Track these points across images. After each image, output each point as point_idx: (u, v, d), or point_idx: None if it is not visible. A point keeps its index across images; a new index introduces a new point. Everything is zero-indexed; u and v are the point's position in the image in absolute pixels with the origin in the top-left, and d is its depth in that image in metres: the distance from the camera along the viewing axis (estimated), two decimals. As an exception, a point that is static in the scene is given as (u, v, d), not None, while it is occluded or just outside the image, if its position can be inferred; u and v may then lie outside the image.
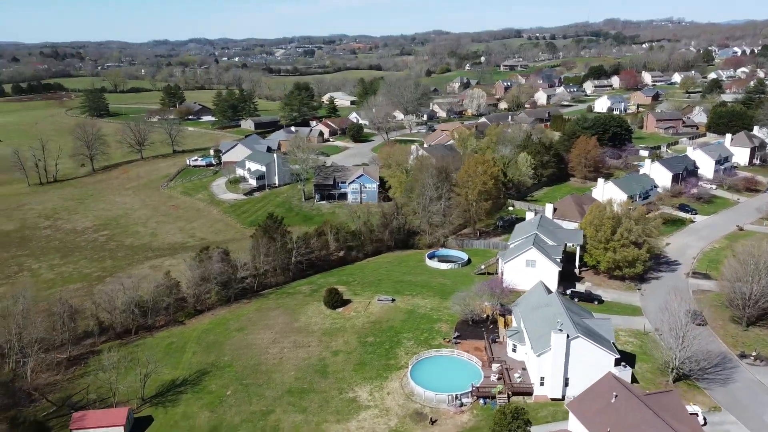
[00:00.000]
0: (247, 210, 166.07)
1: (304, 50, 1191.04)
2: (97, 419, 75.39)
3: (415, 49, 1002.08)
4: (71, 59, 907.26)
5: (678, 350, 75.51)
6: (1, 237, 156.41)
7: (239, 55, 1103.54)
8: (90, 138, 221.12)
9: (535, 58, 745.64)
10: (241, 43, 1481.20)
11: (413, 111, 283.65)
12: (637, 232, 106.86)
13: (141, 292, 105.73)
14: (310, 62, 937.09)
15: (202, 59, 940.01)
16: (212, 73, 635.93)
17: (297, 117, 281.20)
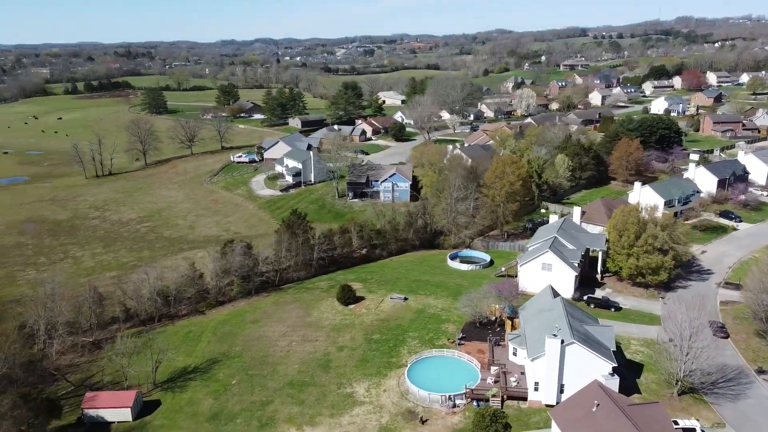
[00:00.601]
0: (282, 206, 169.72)
1: (365, 50, 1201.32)
2: (107, 400, 79.42)
3: (475, 49, 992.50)
4: (142, 58, 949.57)
5: (683, 362, 72.49)
6: (54, 225, 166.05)
7: (301, 55, 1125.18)
8: (143, 134, 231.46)
9: (597, 57, 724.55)
10: (305, 42, 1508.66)
11: (459, 111, 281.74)
12: (663, 239, 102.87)
13: (166, 282, 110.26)
14: (369, 62, 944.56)
15: (265, 59, 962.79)
16: (272, 72, 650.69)
17: (343, 116, 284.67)
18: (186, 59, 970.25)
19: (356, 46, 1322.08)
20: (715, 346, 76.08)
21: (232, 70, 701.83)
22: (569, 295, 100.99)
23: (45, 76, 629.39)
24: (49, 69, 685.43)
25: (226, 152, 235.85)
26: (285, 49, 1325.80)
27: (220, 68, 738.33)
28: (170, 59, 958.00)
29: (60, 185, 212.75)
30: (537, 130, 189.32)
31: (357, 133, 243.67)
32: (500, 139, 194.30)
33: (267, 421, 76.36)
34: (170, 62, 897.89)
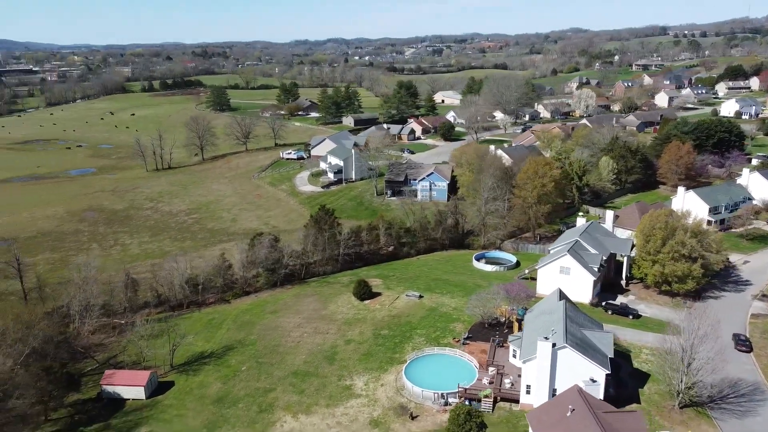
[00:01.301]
0: (321, 202, 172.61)
1: (433, 50, 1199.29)
2: (124, 378, 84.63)
3: (545, 48, 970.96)
4: (217, 58, 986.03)
5: (684, 373, 69.64)
6: (110, 214, 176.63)
7: (370, 54, 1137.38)
8: (201, 130, 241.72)
9: (674, 57, 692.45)
10: (375, 42, 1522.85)
11: (513, 111, 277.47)
12: (692, 246, 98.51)
13: (196, 271, 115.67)
14: (436, 61, 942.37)
15: (334, 58, 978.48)
16: (337, 71, 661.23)
17: (395, 114, 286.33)
18: (258, 59, 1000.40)
19: (426, 46, 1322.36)
20: (720, 359, 72.22)
21: (299, 69, 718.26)
22: (587, 301, 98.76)
23: (126, 74, 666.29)
24: (131, 68, 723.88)
25: (279, 149, 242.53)
26: (355, 48, 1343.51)
27: (288, 67, 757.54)
28: (243, 59, 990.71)
29: (123, 177, 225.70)
30: (584, 131, 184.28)
31: (405, 132, 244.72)
32: (546, 140, 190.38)
33: (266, 407, 79.15)
34: (243, 62, 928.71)
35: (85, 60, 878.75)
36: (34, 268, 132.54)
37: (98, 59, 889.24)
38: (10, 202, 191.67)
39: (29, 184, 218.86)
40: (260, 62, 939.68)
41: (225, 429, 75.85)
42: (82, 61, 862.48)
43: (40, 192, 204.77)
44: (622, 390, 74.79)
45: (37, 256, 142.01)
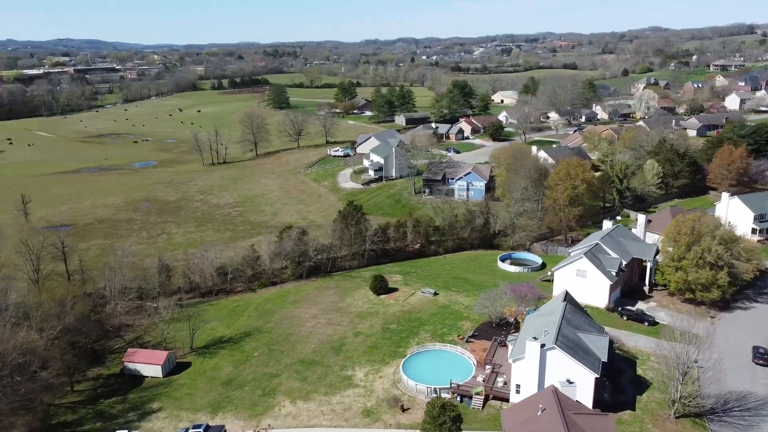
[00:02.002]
0: (360, 199, 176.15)
1: (502, 49, 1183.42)
2: (144, 356, 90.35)
3: (620, 47, 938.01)
4: (287, 57, 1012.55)
5: (679, 383, 67.56)
6: (162, 205, 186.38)
7: (438, 54, 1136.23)
8: (255, 127, 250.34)
9: (758, 57, 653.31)
10: (445, 42, 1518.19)
11: (567, 112, 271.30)
12: (718, 253, 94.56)
13: (225, 261, 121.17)
14: (504, 61, 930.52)
15: (401, 58, 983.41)
16: (401, 71, 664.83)
17: (447, 114, 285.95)
18: (326, 58, 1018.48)
19: (495, 45, 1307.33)
20: (719, 370, 69.50)
21: (365, 68, 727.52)
22: (603, 305, 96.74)
23: (200, 73, 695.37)
24: (204, 67, 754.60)
25: (329, 146, 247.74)
26: (424, 48, 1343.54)
27: (354, 66, 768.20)
28: (312, 58, 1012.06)
29: (181, 170, 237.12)
30: (631, 133, 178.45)
31: (454, 131, 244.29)
32: (593, 142, 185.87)
33: (269, 391, 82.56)
34: (311, 61, 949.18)
35: (164, 59, 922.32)
36: (87, 252, 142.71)
37: (175, 58, 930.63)
38: (77, 191, 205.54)
39: (96, 175, 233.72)
40: (328, 61, 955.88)
41: (228, 409, 79.77)
42: (160, 60, 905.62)
43: (103, 182, 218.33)
44: (619, 396, 73.32)
45: (90, 242, 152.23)
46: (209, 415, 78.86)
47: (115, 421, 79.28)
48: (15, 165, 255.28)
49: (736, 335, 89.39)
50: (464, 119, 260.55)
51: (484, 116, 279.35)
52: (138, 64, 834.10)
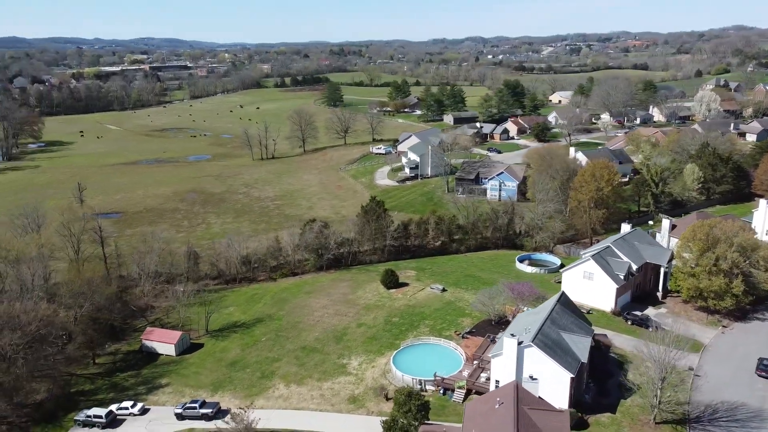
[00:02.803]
0: (393, 196, 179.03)
1: (571, 48, 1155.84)
2: (159, 335, 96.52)
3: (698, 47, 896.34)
4: (352, 56, 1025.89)
5: (658, 388, 66.55)
6: (208, 196, 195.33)
7: (505, 53, 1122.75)
8: (303, 124, 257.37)
9: None
10: (514, 41, 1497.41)
11: (620, 113, 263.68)
12: (733, 261, 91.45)
13: (250, 251, 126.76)
14: (571, 60, 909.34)
15: (465, 57, 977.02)
16: (462, 70, 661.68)
17: (495, 114, 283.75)
18: (390, 57, 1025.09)
19: (565, 45, 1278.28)
20: (717, 381, 67.90)
21: (426, 67, 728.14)
22: (609, 308, 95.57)
23: (266, 71, 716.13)
24: (271, 65, 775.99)
25: (375, 144, 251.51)
26: (491, 47, 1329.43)
27: (416, 65, 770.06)
28: (376, 57, 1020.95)
29: (231, 164, 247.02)
30: (675, 136, 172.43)
31: (498, 131, 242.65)
32: (636, 145, 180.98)
33: (268, 374, 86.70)
34: (375, 60, 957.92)
35: (234, 57, 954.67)
36: (131, 238, 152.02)
37: (244, 57, 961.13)
38: (132, 181, 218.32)
39: (152, 167, 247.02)
40: (392, 60, 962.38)
41: (227, 388, 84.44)
42: (231, 58, 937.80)
43: (158, 174, 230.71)
44: (602, 398, 72.90)
45: (135, 228, 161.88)
46: (210, 393, 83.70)
47: (127, 392, 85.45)
48: (83, 155, 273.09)
49: (747, 346, 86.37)
50: (512, 119, 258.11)
51: (533, 116, 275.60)
52: (209, 62, 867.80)
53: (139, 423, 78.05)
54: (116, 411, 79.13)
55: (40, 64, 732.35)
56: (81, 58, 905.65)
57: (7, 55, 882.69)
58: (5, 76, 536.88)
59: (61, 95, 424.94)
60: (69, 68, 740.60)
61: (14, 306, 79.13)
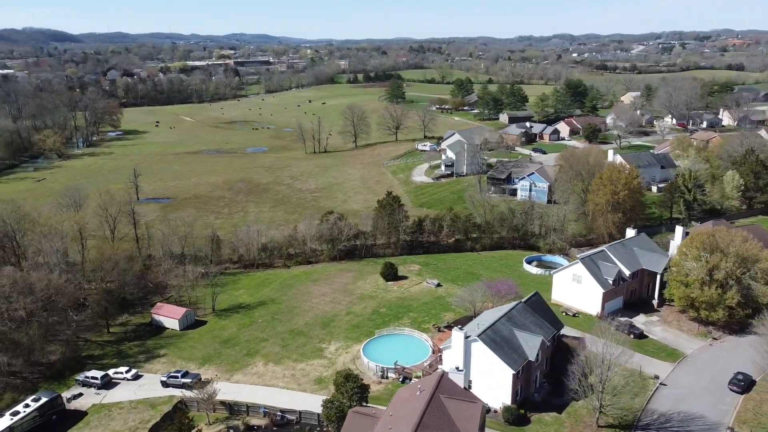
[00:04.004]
0: (425, 193, 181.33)
1: (663, 47, 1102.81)
2: (166, 311, 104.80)
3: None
4: (430, 53, 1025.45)
5: (599, 390, 66.35)
6: (254, 186, 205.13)
7: (592, 51, 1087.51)
8: (355, 119, 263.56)
9: None
10: (604, 39, 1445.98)
11: (684, 116, 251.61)
12: (729, 271, 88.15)
13: (267, 238, 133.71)
14: (660, 60, 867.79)
15: (547, 55, 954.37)
16: (538, 68, 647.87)
17: (552, 113, 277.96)
18: (470, 54, 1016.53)
19: (658, 43, 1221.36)
20: (682, 390, 66.96)
21: (503, 65, 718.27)
22: (595, 312, 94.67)
23: (342, 67, 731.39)
24: (348, 61, 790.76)
25: (425, 141, 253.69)
26: (578, 45, 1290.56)
27: (492, 63, 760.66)
28: (456, 54, 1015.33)
29: (284, 157, 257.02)
30: (720, 141, 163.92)
31: (548, 131, 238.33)
32: (682, 148, 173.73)
33: (252, 352, 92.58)
34: (453, 57, 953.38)
35: (315, 53, 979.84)
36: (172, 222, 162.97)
37: (325, 53, 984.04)
38: (189, 169, 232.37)
39: (212, 156, 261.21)
40: (470, 58, 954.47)
41: (214, 362, 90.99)
42: (311, 54, 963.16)
43: (214, 163, 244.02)
44: (554, 398, 73.25)
45: (179, 213, 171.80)
46: (198, 365, 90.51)
47: (128, 359, 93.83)
48: (153, 144, 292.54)
49: (731, 359, 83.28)
50: (566, 120, 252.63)
51: (590, 117, 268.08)
52: (290, 58, 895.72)
53: (130, 387, 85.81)
54: (112, 375, 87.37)
55: (136, 58, 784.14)
56: (174, 52, 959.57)
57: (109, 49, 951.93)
58: (101, 69, 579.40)
59: (146, 87, 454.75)
60: (162, 62, 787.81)
61: (30, 274, 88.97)
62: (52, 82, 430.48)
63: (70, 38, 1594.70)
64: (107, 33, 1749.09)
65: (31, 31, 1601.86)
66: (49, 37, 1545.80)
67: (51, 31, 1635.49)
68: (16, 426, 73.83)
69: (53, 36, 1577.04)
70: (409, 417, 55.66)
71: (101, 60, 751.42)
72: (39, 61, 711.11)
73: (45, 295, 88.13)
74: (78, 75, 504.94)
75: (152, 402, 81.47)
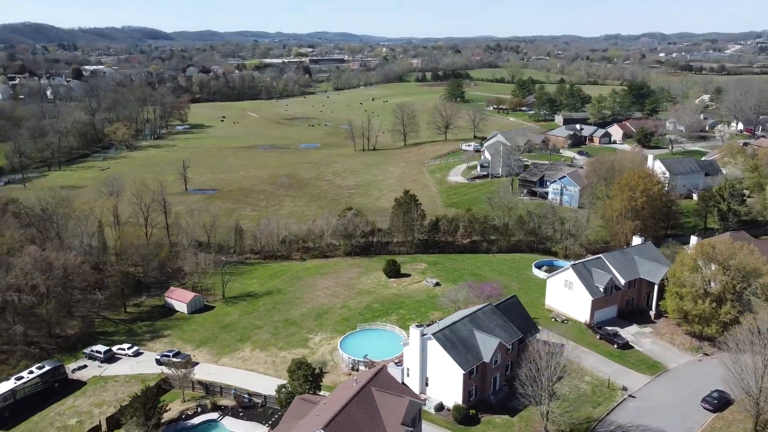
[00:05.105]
0: (457, 193, 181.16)
1: (762, 47, 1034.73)
2: (177, 295, 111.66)
3: None
4: (507, 52, 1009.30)
5: (546, 398, 65.75)
6: (296, 181, 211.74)
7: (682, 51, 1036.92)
8: (405, 118, 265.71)
9: None
10: (698, 38, 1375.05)
11: (749, 121, 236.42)
12: (725, 284, 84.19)
13: (289, 232, 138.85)
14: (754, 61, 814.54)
15: (629, 55, 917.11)
16: (614, 68, 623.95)
17: (609, 116, 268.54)
18: (547, 54, 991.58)
19: (756, 42, 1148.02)
20: (648, 404, 65.63)
21: (578, 65, 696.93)
22: (584, 320, 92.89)
23: (414, 65, 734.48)
24: (421, 59, 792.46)
25: (470, 141, 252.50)
26: (668, 44, 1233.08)
27: (568, 62, 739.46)
28: (533, 53, 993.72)
29: (333, 153, 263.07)
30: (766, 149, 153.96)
31: (599, 134, 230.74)
32: (731, 155, 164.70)
33: (245, 338, 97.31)
34: (530, 56, 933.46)
35: (390, 52, 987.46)
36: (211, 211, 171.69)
37: (399, 51, 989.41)
38: (241, 162, 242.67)
39: (265, 151, 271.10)
40: (548, 57, 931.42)
41: (208, 345, 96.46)
42: (386, 53, 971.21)
43: (265, 158, 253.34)
44: (511, 402, 72.93)
45: (220, 204, 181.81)
46: (194, 347, 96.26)
47: (135, 337, 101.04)
48: (215, 138, 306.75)
49: (716, 375, 79.34)
50: (620, 123, 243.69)
51: (649, 120, 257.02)
52: (365, 56, 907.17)
53: (130, 362, 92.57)
54: (115, 350, 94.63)
55: (217, 56, 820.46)
56: (254, 50, 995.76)
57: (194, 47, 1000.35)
58: (182, 66, 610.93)
59: (219, 84, 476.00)
60: (242, 59, 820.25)
61: (50, 254, 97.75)
62: (133, 77, 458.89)
63: (163, 36, 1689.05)
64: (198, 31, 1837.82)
65: (129, 29, 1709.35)
66: (146, 35, 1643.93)
67: (147, 30, 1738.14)
68: (18, 389, 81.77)
69: (149, 34, 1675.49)
70: (335, 404, 57.93)
71: (186, 57, 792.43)
72: (130, 58, 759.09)
73: (61, 274, 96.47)
74: (159, 71, 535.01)
75: (144, 377, 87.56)
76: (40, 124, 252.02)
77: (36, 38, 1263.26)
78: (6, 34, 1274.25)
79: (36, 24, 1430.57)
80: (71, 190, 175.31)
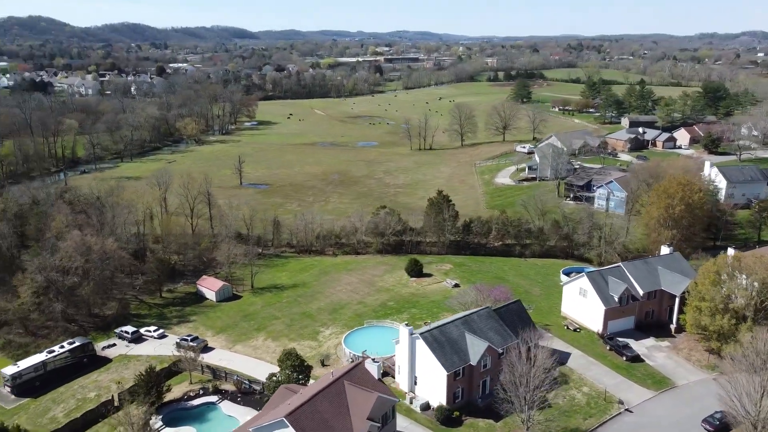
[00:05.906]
0: (502, 195, 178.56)
1: None
2: (208, 283, 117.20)
3: None
4: (588, 51, 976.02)
5: (527, 406, 64.62)
6: (346, 178, 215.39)
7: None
8: (462, 118, 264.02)
9: None
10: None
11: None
12: (748, 300, 79.42)
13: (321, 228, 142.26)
14: None
15: (722, 55, 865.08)
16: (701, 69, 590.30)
17: (678, 119, 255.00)
18: (632, 53, 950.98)
19: None
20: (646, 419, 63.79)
21: (661, 65, 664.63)
22: (597, 329, 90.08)
23: (489, 65, 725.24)
24: (496, 59, 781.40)
25: (525, 143, 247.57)
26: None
27: (651, 62, 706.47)
28: (616, 53, 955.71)
29: (388, 152, 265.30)
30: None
31: (662, 138, 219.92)
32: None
33: (261, 328, 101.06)
34: (612, 56, 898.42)
35: (466, 51, 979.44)
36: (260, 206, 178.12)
37: (476, 50, 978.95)
38: (298, 159, 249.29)
39: (324, 148, 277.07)
40: (632, 57, 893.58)
41: (226, 332, 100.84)
42: (462, 52, 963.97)
43: (323, 154, 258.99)
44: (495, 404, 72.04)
45: (269, 199, 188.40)
46: (213, 333, 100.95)
47: (163, 321, 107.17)
48: (279, 135, 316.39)
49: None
50: (689, 127, 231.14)
51: (723, 125, 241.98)
52: (440, 55, 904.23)
53: (153, 344, 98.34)
54: (142, 332, 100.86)
55: (295, 55, 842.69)
56: (332, 49, 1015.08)
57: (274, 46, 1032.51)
58: (260, 64, 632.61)
59: (290, 82, 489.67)
60: (319, 58, 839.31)
61: (90, 239, 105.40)
62: (211, 75, 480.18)
63: (249, 35, 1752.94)
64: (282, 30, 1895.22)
65: (217, 28, 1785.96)
66: (232, 34, 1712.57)
67: (234, 29, 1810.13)
68: (49, 362, 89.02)
69: (235, 33, 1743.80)
70: (305, 395, 59.82)
71: (265, 56, 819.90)
72: (213, 57, 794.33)
73: (99, 258, 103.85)
74: (236, 69, 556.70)
75: (162, 358, 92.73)
76: (116, 118, 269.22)
77: (132, 37, 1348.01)
78: (107, 34, 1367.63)
79: (133, 24, 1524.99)
80: (129, 180, 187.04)
